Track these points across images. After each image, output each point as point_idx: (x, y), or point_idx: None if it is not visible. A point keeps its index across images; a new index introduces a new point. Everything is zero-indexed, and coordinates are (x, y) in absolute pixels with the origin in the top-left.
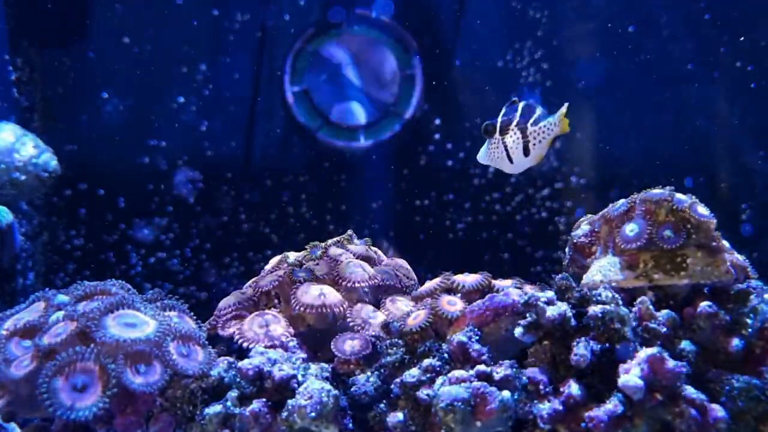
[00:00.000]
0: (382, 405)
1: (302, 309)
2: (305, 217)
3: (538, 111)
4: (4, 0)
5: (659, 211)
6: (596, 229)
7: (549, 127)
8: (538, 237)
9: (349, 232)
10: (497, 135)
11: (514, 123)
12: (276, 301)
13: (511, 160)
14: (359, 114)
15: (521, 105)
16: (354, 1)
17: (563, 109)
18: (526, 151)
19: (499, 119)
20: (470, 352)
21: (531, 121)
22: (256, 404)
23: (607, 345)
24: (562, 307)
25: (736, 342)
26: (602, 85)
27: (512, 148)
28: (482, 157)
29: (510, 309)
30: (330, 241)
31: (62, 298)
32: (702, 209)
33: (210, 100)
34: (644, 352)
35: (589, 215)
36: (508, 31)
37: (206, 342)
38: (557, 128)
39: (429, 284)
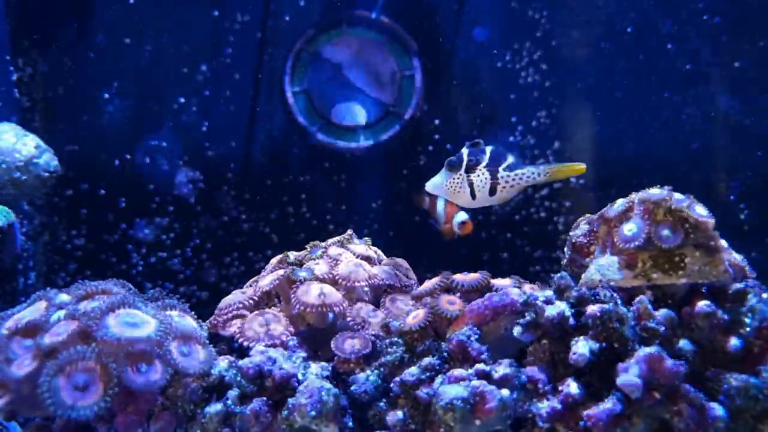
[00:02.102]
0: (381, 403)
1: (302, 308)
2: (305, 217)
3: (510, 159)
4: (5, 0)
5: (657, 211)
6: (595, 229)
7: (528, 176)
8: (537, 237)
9: (349, 231)
10: (462, 172)
11: (483, 164)
12: (276, 300)
13: (473, 197)
14: (359, 114)
15: (489, 149)
16: (354, 2)
17: (563, 166)
18: (492, 192)
19: (465, 157)
20: (469, 350)
21: (503, 166)
22: (256, 403)
23: (606, 344)
24: (561, 306)
25: (734, 341)
26: (601, 85)
27: (478, 186)
28: (435, 186)
29: (509, 308)
30: (330, 241)
31: (63, 297)
32: (700, 209)
33: (210, 100)
34: (643, 351)
35: (588, 215)
36: (508, 31)
37: (207, 341)
38: (541, 178)
39: (428, 283)
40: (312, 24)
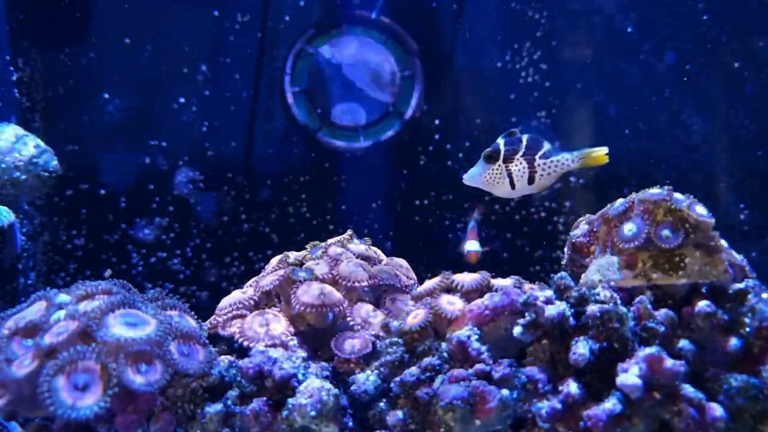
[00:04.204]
0: (381, 404)
1: (302, 308)
2: (305, 217)
3: (546, 146)
4: (5, 0)
5: (657, 211)
6: (595, 229)
7: (563, 162)
8: (537, 237)
9: (349, 231)
10: (500, 162)
11: (520, 153)
12: (276, 300)
13: (513, 187)
14: (359, 114)
15: (525, 137)
16: (354, 2)
17: (592, 151)
18: (530, 181)
19: (502, 147)
20: (469, 350)
21: (539, 154)
22: (256, 403)
23: (606, 344)
24: (561, 306)
25: (734, 341)
26: (600, 86)
27: (517, 176)
28: (473, 178)
29: (509, 308)
30: (330, 241)
31: (63, 297)
32: (700, 209)
33: (210, 100)
34: (643, 351)
35: (588, 215)
36: (508, 31)
37: (207, 341)
38: (574, 164)
39: (428, 283)
40: (312, 24)
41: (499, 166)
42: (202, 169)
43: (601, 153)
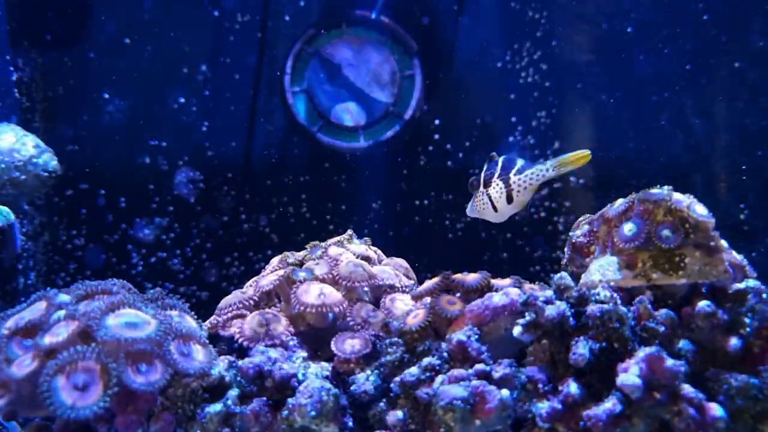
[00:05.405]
0: (381, 404)
1: (302, 308)
2: (305, 217)
3: (519, 162)
4: (5, 1)
5: (657, 211)
6: (595, 229)
7: (537, 173)
8: (536, 237)
9: (349, 232)
10: (481, 188)
11: (496, 175)
12: (276, 300)
13: (495, 209)
14: (359, 114)
15: (501, 159)
16: (354, 2)
17: (570, 156)
18: (509, 200)
19: (482, 175)
20: (469, 351)
21: (513, 171)
22: (256, 403)
23: (606, 344)
24: (561, 306)
25: (734, 341)
26: (600, 86)
27: (496, 198)
28: (470, 211)
29: (509, 308)
30: (330, 241)
31: (63, 297)
32: (700, 209)
33: (210, 100)
34: (643, 351)
35: (588, 215)
36: (508, 31)
37: (207, 341)
38: (551, 173)
39: (428, 283)
40: (312, 24)
41: (482, 192)
42: (202, 169)
43: (580, 155)
